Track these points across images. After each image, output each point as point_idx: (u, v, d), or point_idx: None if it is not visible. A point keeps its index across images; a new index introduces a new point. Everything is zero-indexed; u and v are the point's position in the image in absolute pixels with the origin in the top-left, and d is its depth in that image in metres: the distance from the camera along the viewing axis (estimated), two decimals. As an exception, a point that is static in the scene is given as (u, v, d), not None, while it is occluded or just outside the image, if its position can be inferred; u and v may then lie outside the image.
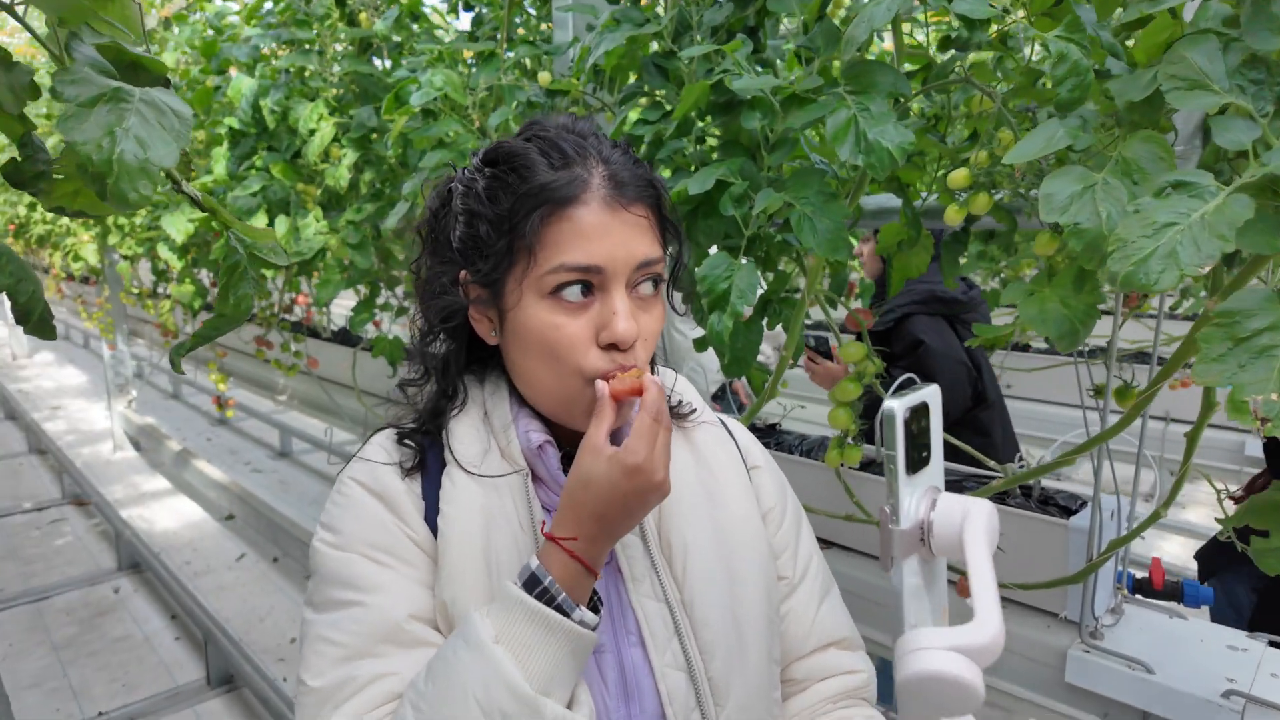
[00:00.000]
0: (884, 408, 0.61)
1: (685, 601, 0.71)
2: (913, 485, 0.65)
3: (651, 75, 1.22)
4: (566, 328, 0.66)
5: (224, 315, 0.61)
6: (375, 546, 0.69)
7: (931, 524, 0.63)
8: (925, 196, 1.30)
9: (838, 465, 1.33)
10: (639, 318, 0.68)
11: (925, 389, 0.66)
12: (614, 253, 0.66)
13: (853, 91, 0.95)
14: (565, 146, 0.68)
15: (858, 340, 1.27)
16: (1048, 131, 0.80)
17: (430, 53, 1.69)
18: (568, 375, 0.68)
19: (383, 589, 0.67)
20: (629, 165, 0.70)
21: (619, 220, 0.67)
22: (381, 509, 0.71)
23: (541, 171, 0.67)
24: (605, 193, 0.67)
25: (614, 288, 0.67)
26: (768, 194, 1.04)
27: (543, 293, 0.67)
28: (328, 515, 0.72)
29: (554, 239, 0.66)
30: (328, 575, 0.69)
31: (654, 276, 0.70)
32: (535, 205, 0.66)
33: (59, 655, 2.99)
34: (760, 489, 0.82)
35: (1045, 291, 0.89)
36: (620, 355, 0.67)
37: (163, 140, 0.53)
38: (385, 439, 0.76)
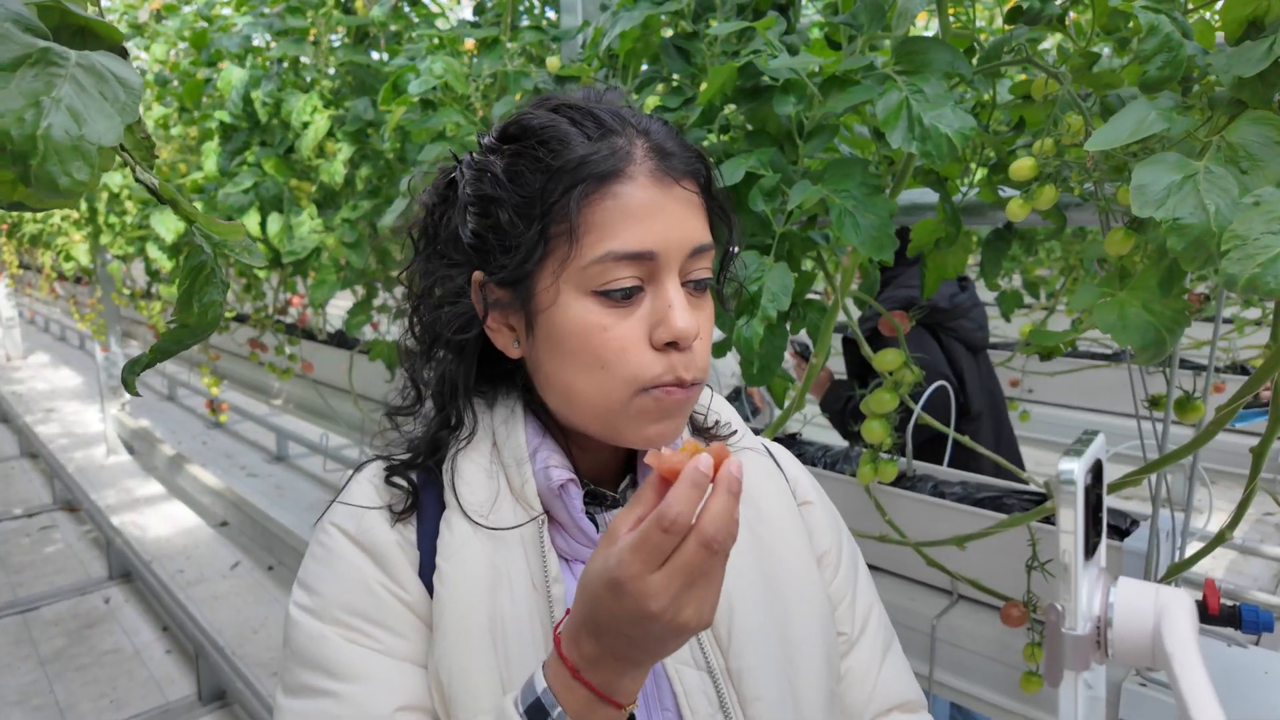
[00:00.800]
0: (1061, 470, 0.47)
1: (732, 671, 0.60)
2: (1088, 572, 0.51)
3: (672, 58, 1.12)
4: (616, 329, 0.56)
5: (187, 326, 0.51)
6: (357, 614, 0.58)
7: (1111, 622, 0.49)
8: (965, 191, 1.21)
9: (871, 481, 1.23)
10: (695, 315, 0.58)
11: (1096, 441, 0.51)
12: (668, 235, 0.56)
13: (904, 72, 0.85)
14: (601, 115, 0.58)
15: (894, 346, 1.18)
16: (1137, 114, 0.70)
17: (430, 39, 1.58)
18: (617, 386, 0.57)
19: (362, 677, 0.56)
20: (672, 136, 0.60)
21: (671, 198, 0.57)
22: (367, 564, 0.60)
23: (577, 143, 0.57)
24: (652, 165, 0.57)
25: (667, 278, 0.57)
26: (804, 187, 0.94)
27: (586, 288, 0.56)
28: (305, 570, 0.62)
29: (599, 221, 0.56)
30: (299, 653, 0.58)
31: (707, 271, 0.59)
32: (574, 182, 0.56)
33: (46, 670, 2.89)
34: (814, 528, 0.71)
35: (1123, 295, 0.79)
36: (679, 356, 0.57)
37: (103, 113, 0.42)
38: (373, 475, 0.65)
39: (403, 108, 1.47)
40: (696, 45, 1.12)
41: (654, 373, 0.57)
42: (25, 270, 6.70)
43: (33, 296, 9.07)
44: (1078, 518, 0.47)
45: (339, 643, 0.58)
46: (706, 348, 0.60)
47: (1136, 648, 0.48)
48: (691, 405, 0.61)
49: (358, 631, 0.58)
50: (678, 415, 0.59)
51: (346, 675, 0.56)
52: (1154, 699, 1.12)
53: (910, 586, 1.41)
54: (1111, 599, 0.49)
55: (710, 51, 1.08)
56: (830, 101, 0.91)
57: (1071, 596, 0.47)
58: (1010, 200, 0.87)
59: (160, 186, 0.50)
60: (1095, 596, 0.49)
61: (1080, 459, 0.48)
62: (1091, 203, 1.03)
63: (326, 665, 0.57)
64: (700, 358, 0.59)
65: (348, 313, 2.34)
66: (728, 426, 0.72)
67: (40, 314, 11.63)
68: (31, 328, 11.24)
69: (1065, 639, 0.48)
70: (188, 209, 0.51)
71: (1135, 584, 0.49)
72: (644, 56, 1.24)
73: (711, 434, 0.70)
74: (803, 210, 0.98)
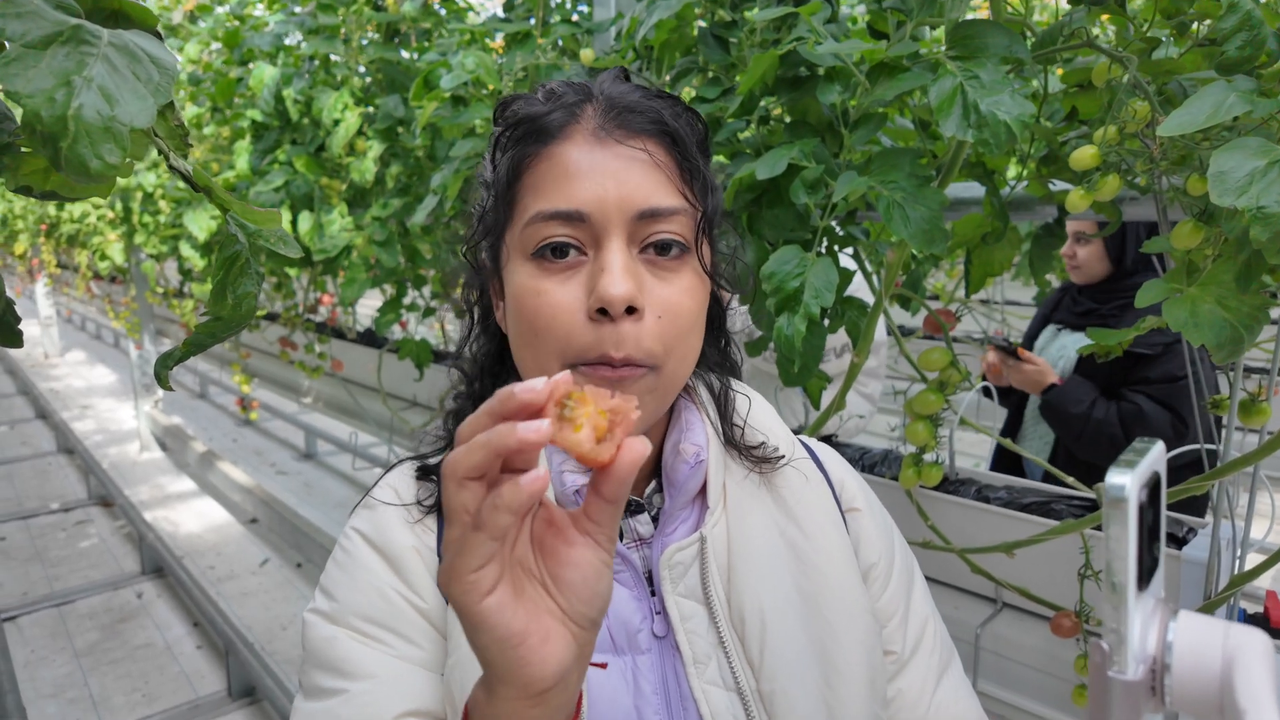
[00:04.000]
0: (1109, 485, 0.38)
1: (764, 693, 0.56)
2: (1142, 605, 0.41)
3: (710, 47, 1.09)
4: (551, 294, 0.53)
5: (221, 319, 0.49)
6: (371, 620, 0.56)
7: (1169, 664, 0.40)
8: (1013, 185, 1.16)
9: (914, 485, 1.19)
10: (649, 286, 0.53)
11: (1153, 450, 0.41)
12: (603, 195, 0.52)
13: (958, 57, 0.81)
14: (565, 85, 0.56)
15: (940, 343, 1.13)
16: (1215, 96, 0.65)
17: (461, 34, 1.57)
18: (549, 357, 0.53)
19: (373, 676, 0.54)
20: (638, 93, 0.56)
21: (611, 155, 0.53)
22: (384, 570, 0.58)
23: (533, 107, 0.56)
24: (597, 124, 0.54)
25: (608, 242, 0.53)
26: (850, 178, 0.90)
27: (526, 252, 0.54)
28: (326, 575, 0.60)
29: (532, 184, 0.54)
30: (313, 655, 0.57)
31: (669, 238, 0.54)
32: (513, 145, 0.55)
33: (80, 663, 2.92)
34: (861, 538, 0.66)
35: (1194, 291, 0.75)
36: (610, 329, 0.51)
37: (135, 94, 0.41)
38: (402, 475, 0.63)
39: (434, 104, 1.45)
40: (735, 34, 1.08)
41: (580, 344, 0.52)
42: (63, 270, 6.84)
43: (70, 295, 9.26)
44: (1129, 541, 0.38)
45: (350, 643, 0.56)
46: (672, 329, 0.54)
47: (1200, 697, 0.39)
48: (641, 385, 0.53)
49: (371, 638, 0.56)
50: None
51: (357, 674, 0.55)
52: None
53: (953, 594, 1.37)
54: (1170, 637, 0.40)
55: (749, 40, 1.05)
56: (878, 89, 0.87)
57: (1121, 634, 0.38)
58: (1070, 192, 0.83)
59: (195, 174, 0.48)
60: (1150, 633, 0.40)
61: (1133, 471, 0.39)
62: (1149, 197, 0.99)
63: (338, 665, 0.55)
64: (647, 335, 0.52)
65: (377, 311, 2.34)
66: (773, 448, 0.65)
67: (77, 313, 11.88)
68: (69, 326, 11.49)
69: (1113, 685, 0.39)
70: (223, 196, 0.49)
71: (1200, 619, 0.41)
72: (680, 48, 1.21)
73: (756, 456, 0.64)
74: (848, 203, 0.94)
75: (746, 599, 0.58)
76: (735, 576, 0.59)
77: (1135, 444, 0.42)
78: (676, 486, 0.59)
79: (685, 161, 0.56)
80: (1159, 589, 0.44)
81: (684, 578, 0.58)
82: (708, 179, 0.58)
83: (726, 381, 0.67)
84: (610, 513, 0.40)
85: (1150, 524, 0.41)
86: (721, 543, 0.60)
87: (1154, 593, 0.43)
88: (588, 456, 0.37)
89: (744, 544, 0.60)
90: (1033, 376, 1.81)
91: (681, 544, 0.59)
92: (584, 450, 0.37)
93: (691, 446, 0.60)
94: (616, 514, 0.40)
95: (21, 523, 4.26)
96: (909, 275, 1.29)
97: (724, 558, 0.60)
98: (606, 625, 0.57)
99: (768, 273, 0.96)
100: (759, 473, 0.63)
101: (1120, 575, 0.38)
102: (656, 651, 0.57)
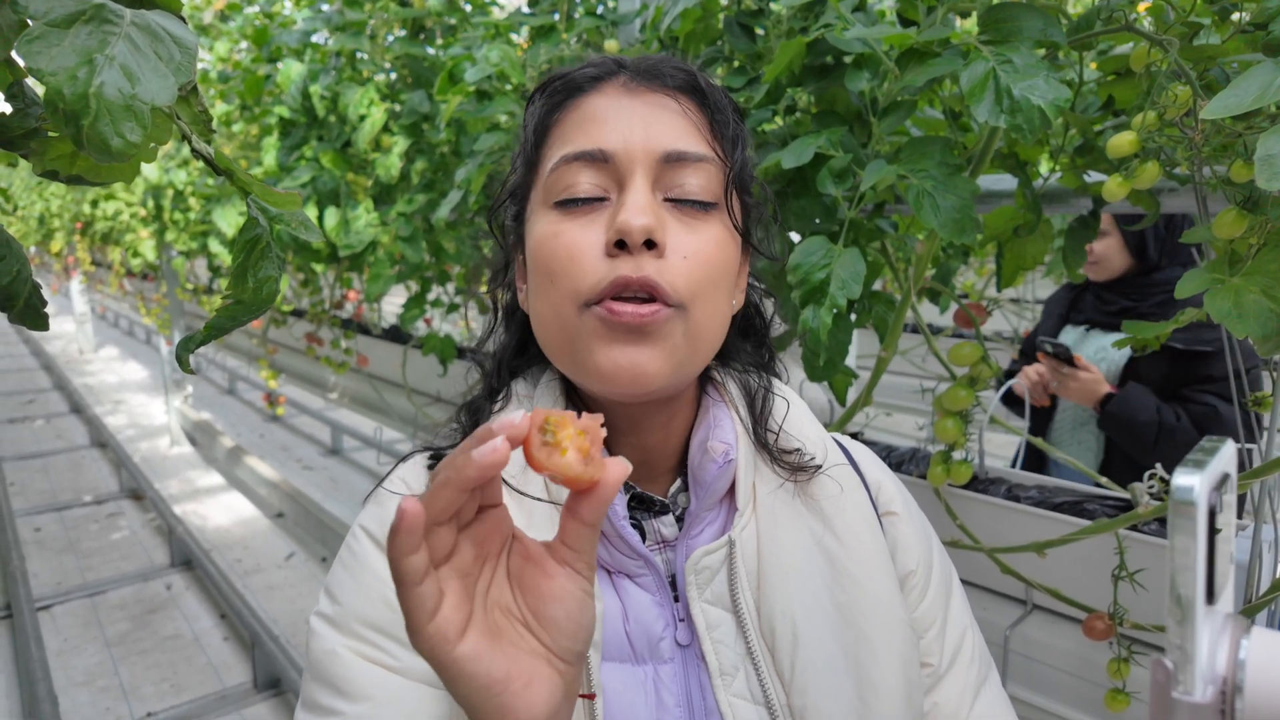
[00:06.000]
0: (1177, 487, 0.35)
1: (794, 708, 0.54)
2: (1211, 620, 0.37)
3: (735, 36, 1.07)
4: (568, 234, 0.51)
5: (241, 302, 0.49)
6: (373, 628, 0.54)
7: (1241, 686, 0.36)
8: (1046, 177, 1.13)
9: (942, 484, 1.17)
10: (674, 230, 0.51)
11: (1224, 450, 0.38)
12: (629, 136, 0.51)
13: (989, 41, 0.79)
14: (605, 58, 0.56)
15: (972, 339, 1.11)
16: (1262, 77, 0.63)
17: (486, 28, 1.57)
18: (565, 300, 0.51)
19: (369, 699, 0.52)
20: (668, 61, 0.55)
21: (641, 101, 0.52)
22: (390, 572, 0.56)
23: (567, 70, 0.56)
24: (626, 78, 0.54)
25: (631, 181, 0.51)
26: (879, 166, 0.88)
27: (549, 201, 0.53)
28: (332, 575, 0.58)
29: (560, 131, 0.54)
30: (314, 667, 0.55)
31: (697, 181, 0.52)
32: (545, 103, 0.55)
33: (111, 652, 2.98)
34: (898, 545, 0.63)
35: (1238, 281, 0.72)
36: (628, 261, 0.49)
37: (157, 72, 0.40)
38: (413, 465, 0.62)
39: (458, 98, 1.45)
40: (761, 22, 1.07)
41: (595, 279, 0.49)
42: (97, 267, 6.97)
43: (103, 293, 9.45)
44: (1198, 550, 0.34)
45: (350, 659, 0.53)
46: (694, 269, 0.51)
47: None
48: (667, 332, 0.50)
49: (372, 645, 0.54)
50: (638, 341, 0.49)
51: (355, 695, 0.52)
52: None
53: (982, 595, 1.34)
54: (1243, 655, 0.36)
55: (776, 29, 1.03)
56: (908, 75, 0.85)
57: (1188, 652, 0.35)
58: (1108, 180, 0.81)
59: (216, 156, 0.48)
60: (1220, 652, 0.36)
61: (1203, 473, 0.35)
62: (1187, 188, 0.96)
63: (336, 683, 0.53)
64: (670, 270, 0.50)
65: (402, 307, 2.35)
66: (809, 455, 0.61)
67: (110, 309, 12.13)
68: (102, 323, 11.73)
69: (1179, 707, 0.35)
70: (244, 178, 0.49)
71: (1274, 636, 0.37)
72: (705, 39, 1.19)
73: (789, 463, 0.60)
74: (876, 192, 0.92)
75: (777, 608, 0.55)
76: (765, 584, 0.56)
77: (1204, 442, 0.39)
78: (704, 486, 0.57)
79: (716, 115, 0.54)
80: (1229, 603, 0.41)
81: (711, 583, 0.56)
82: (738, 134, 0.56)
83: (767, 382, 0.64)
84: (590, 538, 0.39)
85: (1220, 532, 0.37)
86: (751, 547, 0.57)
87: (1224, 607, 0.39)
88: (579, 479, 0.37)
89: (775, 549, 0.57)
90: (1089, 386, 1.65)
91: (709, 547, 0.56)
92: (575, 473, 0.36)
93: (720, 444, 0.58)
94: (595, 538, 0.39)
95: (56, 514, 4.35)
96: (939, 269, 1.27)
97: (754, 563, 0.57)
98: (626, 631, 0.55)
99: (793, 264, 0.95)
100: (793, 481, 0.60)
101: (1187, 588, 0.35)
102: (680, 661, 0.55)
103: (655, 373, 0.50)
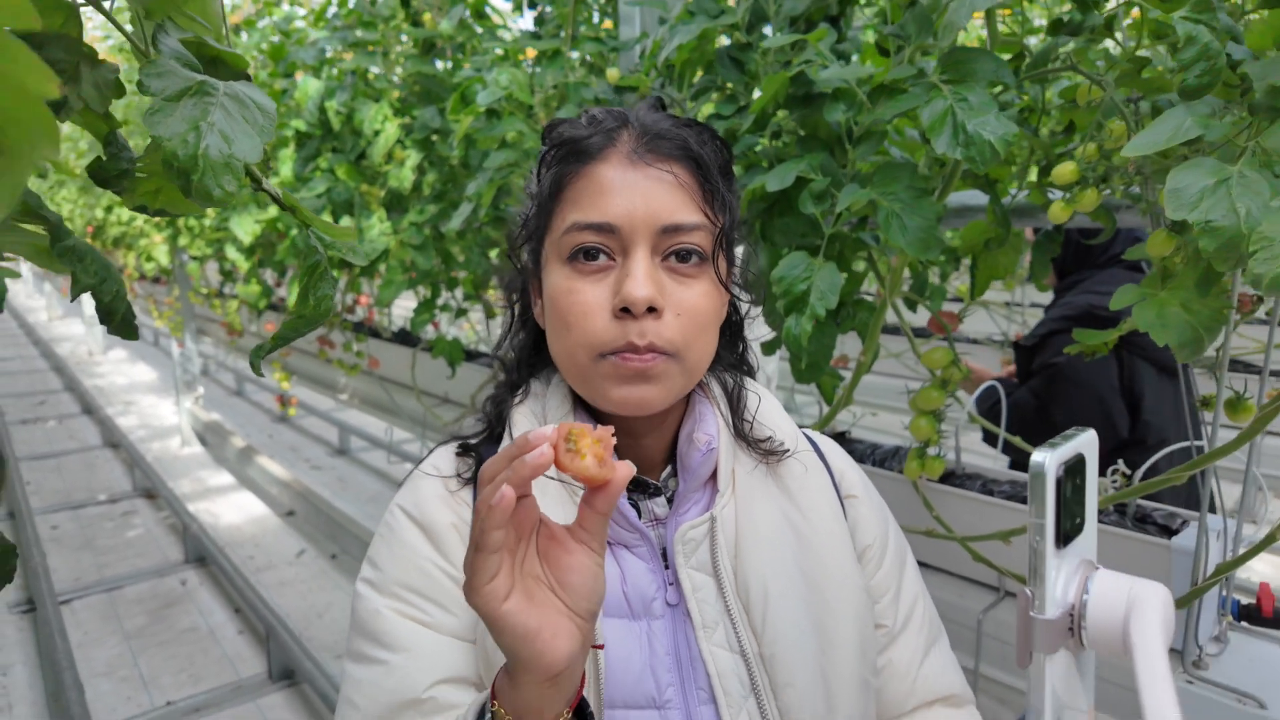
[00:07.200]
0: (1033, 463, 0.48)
1: (765, 656, 0.63)
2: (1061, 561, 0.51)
3: (726, 68, 1.17)
4: (582, 293, 0.61)
5: (303, 316, 0.59)
6: (412, 590, 0.64)
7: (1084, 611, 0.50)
8: (1014, 194, 1.23)
9: (918, 477, 1.27)
10: (669, 289, 0.61)
11: (1081, 436, 0.51)
12: (632, 211, 0.60)
13: (949, 80, 0.89)
14: (605, 112, 0.65)
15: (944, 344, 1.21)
16: (1175, 120, 0.73)
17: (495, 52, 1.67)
18: (579, 349, 0.61)
19: (410, 648, 0.62)
20: (668, 122, 0.64)
21: (642, 176, 0.61)
22: (424, 544, 0.66)
23: (574, 130, 0.65)
24: (630, 148, 0.63)
25: (634, 251, 0.60)
26: (853, 190, 0.98)
27: (562, 256, 0.63)
28: (372, 547, 0.69)
29: (572, 197, 0.63)
30: (360, 624, 0.65)
31: (689, 247, 0.62)
32: (556, 163, 0.64)
33: (130, 644, 3.08)
34: (858, 523, 0.73)
35: (1163, 295, 0.82)
36: (633, 324, 0.59)
37: (246, 135, 0.50)
38: (443, 454, 0.72)
39: (470, 117, 1.55)
40: (750, 55, 1.17)
41: (608, 338, 0.60)
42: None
43: (113, 296, 9.55)
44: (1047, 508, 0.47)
45: (391, 617, 0.63)
46: (690, 326, 0.62)
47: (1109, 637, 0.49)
48: (666, 376, 0.61)
49: (410, 604, 0.64)
50: (643, 381, 0.61)
51: (397, 647, 0.62)
52: (1204, 698, 1.13)
53: (957, 582, 1.44)
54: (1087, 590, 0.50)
55: (763, 61, 1.13)
56: (879, 109, 0.95)
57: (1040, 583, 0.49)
58: (1053, 204, 0.91)
59: (283, 196, 0.58)
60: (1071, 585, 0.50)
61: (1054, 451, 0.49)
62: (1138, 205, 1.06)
63: (380, 637, 0.63)
64: (667, 329, 0.60)
65: (413, 312, 2.45)
66: (779, 442, 0.71)
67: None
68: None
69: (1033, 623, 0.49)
70: (306, 214, 0.59)
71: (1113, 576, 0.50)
72: (700, 63, 1.29)
73: (763, 449, 0.71)
74: (851, 212, 1.02)
75: (751, 573, 0.65)
76: (742, 553, 0.66)
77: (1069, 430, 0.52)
78: (690, 471, 0.67)
79: (707, 183, 0.64)
80: (1087, 551, 0.54)
81: (695, 553, 0.66)
82: (727, 199, 0.66)
83: (740, 380, 0.74)
84: (602, 524, 0.50)
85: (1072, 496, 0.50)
86: (730, 523, 0.67)
87: (1079, 553, 0.52)
88: (596, 478, 0.48)
89: (750, 525, 0.67)
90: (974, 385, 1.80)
91: (694, 523, 0.66)
92: (592, 473, 0.47)
93: (704, 436, 0.68)
94: (606, 524, 0.50)
95: (71, 512, 4.45)
96: (915, 279, 1.37)
97: (732, 536, 0.67)
98: (624, 592, 0.64)
99: (777, 276, 1.05)
100: (766, 464, 0.71)
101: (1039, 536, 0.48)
102: (669, 618, 0.64)
103: (656, 402, 0.62)
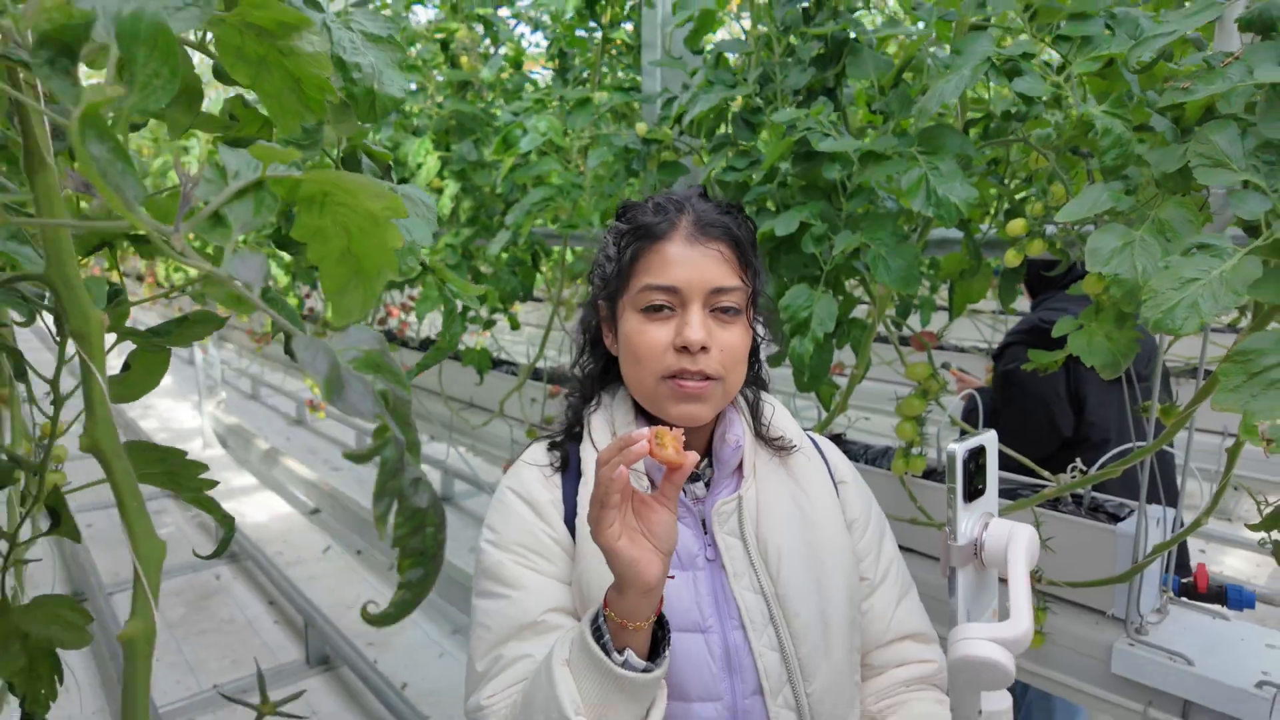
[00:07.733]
0: (947, 450, 0.75)
1: (779, 595, 0.85)
2: (969, 511, 0.79)
3: (740, 129, 1.39)
4: (650, 333, 0.84)
5: (440, 348, 0.80)
6: (524, 546, 0.86)
7: (983, 543, 0.77)
8: (985, 230, 1.45)
9: (903, 473, 1.48)
10: (715, 332, 0.85)
11: (985, 434, 0.80)
12: (690, 277, 0.84)
13: (924, 152, 1.11)
14: (668, 200, 0.88)
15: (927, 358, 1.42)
16: (1093, 195, 0.95)
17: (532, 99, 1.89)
18: (647, 374, 0.85)
19: (525, 586, 0.84)
20: (714, 212, 0.88)
21: (698, 252, 0.85)
22: (530, 514, 0.88)
23: (645, 216, 0.88)
24: (688, 231, 0.86)
25: (691, 305, 0.84)
26: (846, 235, 1.20)
27: (637, 307, 0.86)
28: (490, 518, 0.91)
29: (645, 266, 0.86)
30: (486, 570, 0.87)
31: (731, 303, 0.85)
32: (634, 240, 0.87)
33: (173, 633, 3.29)
34: (846, 502, 0.96)
35: (1093, 326, 1.04)
36: (689, 357, 0.82)
37: (418, 226, 0.72)
38: (537, 449, 0.95)
39: (511, 159, 1.77)
40: (760, 118, 1.39)
41: (668, 365, 0.84)
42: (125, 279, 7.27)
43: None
44: (958, 477, 0.76)
45: (510, 564, 0.86)
46: (729, 359, 0.84)
47: (997, 558, 0.77)
48: (712, 396, 0.84)
49: (523, 557, 0.86)
50: (697, 401, 0.84)
51: (515, 585, 0.85)
52: (1141, 657, 1.34)
53: (935, 563, 1.65)
54: (986, 529, 0.79)
55: (772, 126, 1.35)
56: (867, 171, 1.17)
57: (954, 524, 0.79)
58: (1007, 252, 1.12)
59: (430, 261, 0.80)
60: (976, 526, 0.80)
61: (964, 442, 0.77)
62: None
63: (504, 579, 0.85)
64: (713, 362, 0.83)
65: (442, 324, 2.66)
66: (789, 440, 0.95)
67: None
68: (121, 330, 12.00)
69: (951, 548, 0.79)
70: (444, 273, 0.80)
71: (1001, 522, 0.79)
72: (716, 122, 1.52)
73: (776, 446, 0.94)
74: (844, 254, 1.24)
75: (768, 537, 0.87)
76: (761, 523, 0.88)
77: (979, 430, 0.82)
78: (722, 463, 0.90)
79: (742, 256, 0.88)
80: (989, 506, 0.83)
81: (727, 522, 0.88)
82: (755, 265, 0.89)
83: (759, 395, 0.98)
84: (675, 492, 0.73)
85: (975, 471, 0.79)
86: (752, 501, 0.90)
87: (982, 507, 0.81)
88: (674, 461, 0.71)
89: (767, 503, 0.90)
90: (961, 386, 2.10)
91: (726, 500, 0.89)
92: (673, 458, 0.71)
93: (733, 436, 0.91)
94: (678, 492, 0.73)
95: (104, 511, 4.66)
96: (901, 304, 1.59)
97: (754, 511, 0.89)
98: (677, 553, 0.87)
99: (784, 305, 1.27)
100: (778, 457, 0.94)
101: (952, 495, 0.78)
102: (709, 569, 0.87)
103: (705, 417, 0.86)
